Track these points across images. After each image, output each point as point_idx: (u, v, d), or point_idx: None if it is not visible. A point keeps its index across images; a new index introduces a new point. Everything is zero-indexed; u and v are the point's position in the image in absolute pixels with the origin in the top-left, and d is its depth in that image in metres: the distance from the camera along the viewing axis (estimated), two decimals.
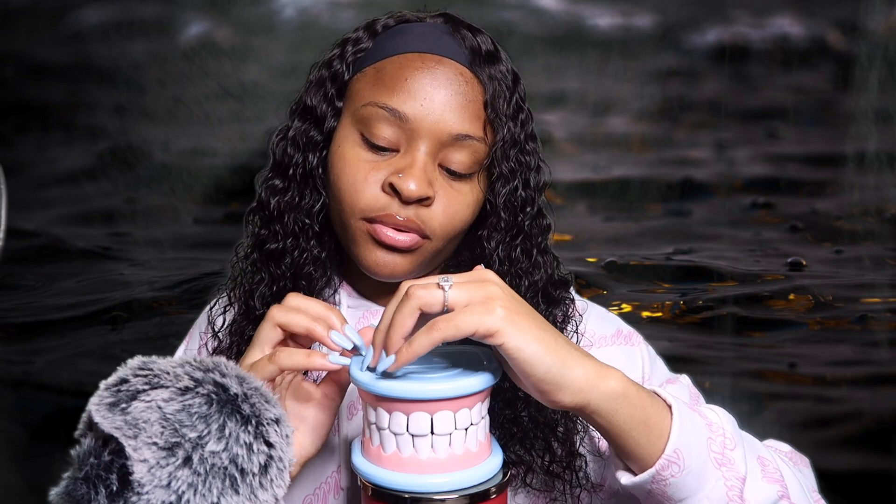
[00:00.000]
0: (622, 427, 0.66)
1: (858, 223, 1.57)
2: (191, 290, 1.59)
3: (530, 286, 0.84)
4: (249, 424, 0.63)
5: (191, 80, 1.55)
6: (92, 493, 0.60)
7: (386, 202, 0.79)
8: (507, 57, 0.85)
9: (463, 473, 0.66)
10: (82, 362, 1.58)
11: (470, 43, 0.82)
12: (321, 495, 0.84)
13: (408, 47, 0.82)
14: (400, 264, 0.81)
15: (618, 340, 0.90)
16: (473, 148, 0.80)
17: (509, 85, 0.83)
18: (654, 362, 0.91)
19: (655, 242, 1.59)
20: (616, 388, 0.65)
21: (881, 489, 1.53)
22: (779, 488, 0.70)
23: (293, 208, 0.85)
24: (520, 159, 0.83)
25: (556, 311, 0.86)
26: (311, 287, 0.85)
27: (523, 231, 0.84)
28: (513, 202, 0.83)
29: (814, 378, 1.55)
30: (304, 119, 0.86)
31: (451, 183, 0.81)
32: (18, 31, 1.58)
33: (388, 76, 0.80)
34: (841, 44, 1.55)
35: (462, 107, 0.80)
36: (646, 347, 0.91)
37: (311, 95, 0.85)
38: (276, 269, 0.85)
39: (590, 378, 0.64)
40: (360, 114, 0.81)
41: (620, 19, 1.56)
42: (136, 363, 0.65)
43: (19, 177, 1.56)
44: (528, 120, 0.85)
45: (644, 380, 0.87)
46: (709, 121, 1.58)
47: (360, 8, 1.53)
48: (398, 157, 0.80)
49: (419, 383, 0.64)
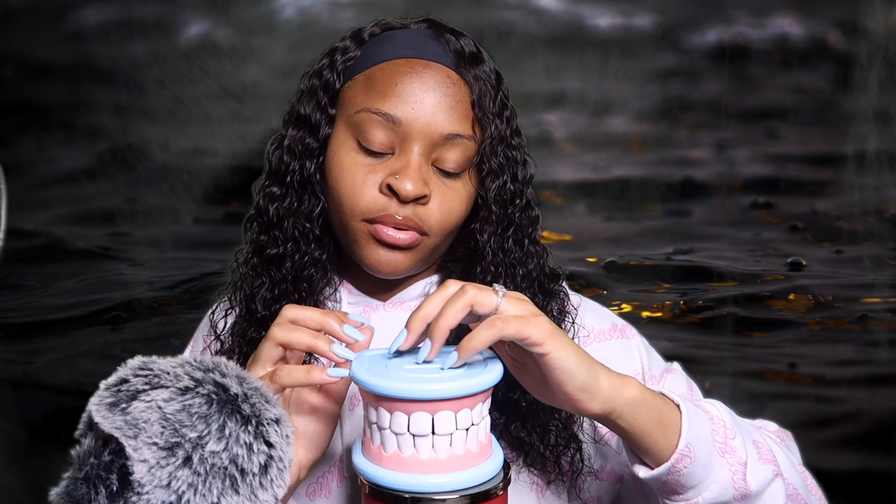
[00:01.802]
0: (642, 429, 0.72)
1: (858, 223, 1.57)
2: (191, 290, 1.59)
3: (525, 276, 0.88)
4: (249, 424, 0.63)
5: (191, 80, 1.55)
6: (92, 493, 0.60)
7: (385, 203, 0.82)
8: (489, 57, 0.89)
9: (464, 473, 0.66)
10: (82, 362, 1.58)
11: (454, 46, 0.86)
12: (324, 484, 0.86)
13: (395, 54, 0.85)
14: (401, 261, 0.84)
15: (614, 334, 0.94)
16: (464, 146, 0.84)
17: (493, 84, 0.87)
18: (650, 353, 0.95)
19: (655, 242, 1.59)
20: (636, 394, 0.71)
21: (881, 489, 1.53)
22: (773, 468, 0.76)
23: (292, 213, 0.87)
24: (507, 154, 0.87)
25: (553, 303, 0.89)
26: (311, 289, 0.88)
27: (514, 222, 0.88)
28: (503, 195, 0.86)
29: (814, 378, 1.55)
30: (298, 127, 0.89)
31: (445, 181, 0.84)
32: (18, 31, 1.58)
33: (378, 83, 0.84)
34: (841, 44, 1.55)
35: (451, 107, 0.83)
36: (640, 339, 0.95)
37: (304, 104, 0.88)
38: (276, 272, 0.87)
39: (615, 387, 0.70)
40: (354, 120, 0.84)
41: (620, 19, 1.56)
42: (136, 363, 0.65)
43: (19, 177, 1.56)
44: (512, 116, 0.89)
45: (644, 371, 0.91)
46: (709, 121, 1.58)
47: (360, 8, 1.53)
48: (393, 159, 0.83)
49: (421, 384, 0.65)
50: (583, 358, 0.68)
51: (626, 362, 0.91)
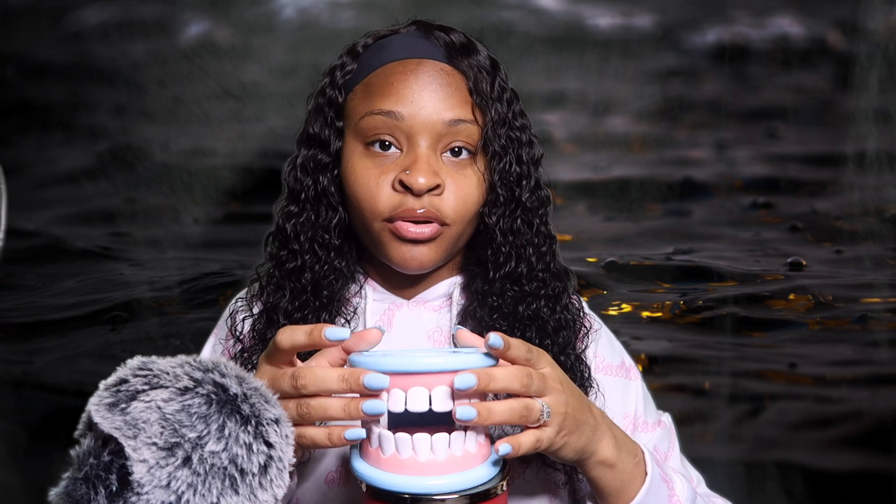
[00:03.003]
0: (601, 486, 0.77)
1: (858, 223, 1.57)
2: (191, 290, 1.59)
3: (539, 258, 0.91)
4: (249, 424, 0.63)
5: (191, 80, 1.55)
6: (91, 494, 0.60)
7: (400, 199, 0.85)
8: (483, 46, 0.92)
9: (462, 475, 0.66)
10: (82, 362, 1.58)
11: (444, 41, 0.89)
12: (342, 473, 0.89)
13: (389, 58, 0.88)
14: (426, 255, 0.87)
15: (620, 372, 0.98)
16: (468, 131, 0.87)
17: (489, 70, 0.90)
18: (647, 400, 0.99)
19: (655, 242, 1.59)
20: (608, 457, 0.75)
21: (881, 489, 1.52)
22: None
23: (310, 226, 0.91)
24: (510, 136, 0.89)
25: (563, 296, 0.92)
26: (332, 296, 0.91)
27: (522, 203, 0.90)
28: (508, 177, 0.89)
29: (814, 378, 1.55)
30: (309, 146, 0.93)
31: (457, 169, 0.87)
32: (18, 31, 1.58)
33: (376, 87, 0.87)
34: (841, 44, 1.55)
35: (449, 96, 0.86)
36: (641, 384, 0.99)
37: (313, 124, 0.92)
38: (296, 283, 0.91)
39: (592, 445, 0.74)
40: (360, 126, 0.87)
41: (620, 19, 1.56)
42: (135, 363, 0.65)
43: (19, 177, 1.56)
44: (513, 99, 0.92)
45: (636, 416, 0.95)
46: (709, 121, 1.58)
47: (359, 8, 1.53)
48: (402, 156, 0.86)
49: (418, 357, 0.66)
50: (585, 444, 0.73)
51: (621, 402, 0.94)
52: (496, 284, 0.89)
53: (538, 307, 0.89)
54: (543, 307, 0.90)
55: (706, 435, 1.57)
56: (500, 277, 0.89)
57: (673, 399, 1.56)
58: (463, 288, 0.95)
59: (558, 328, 0.91)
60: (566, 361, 0.89)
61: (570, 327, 0.92)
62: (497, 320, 0.89)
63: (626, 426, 0.93)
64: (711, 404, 1.57)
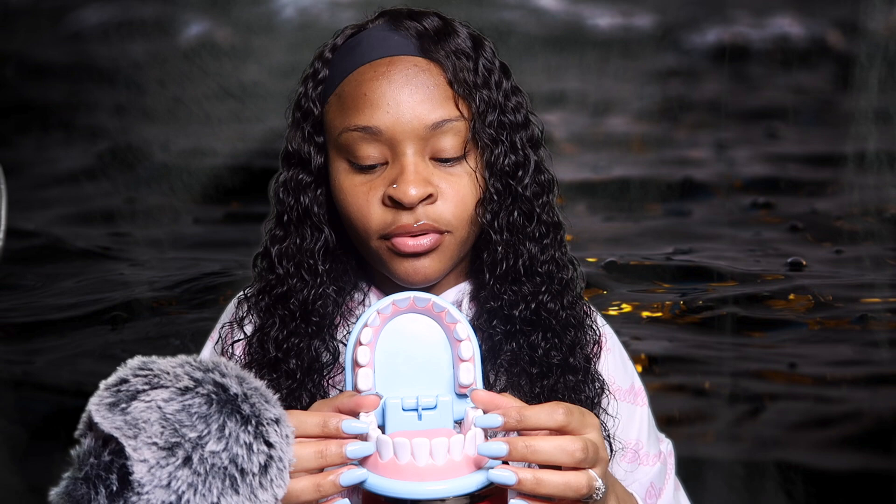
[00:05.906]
0: None
1: (858, 223, 1.57)
2: (191, 290, 1.59)
3: (542, 251, 0.85)
4: (249, 424, 0.63)
5: (191, 80, 1.55)
6: (92, 493, 0.60)
7: (393, 216, 0.80)
8: (462, 25, 0.85)
9: (462, 480, 0.66)
10: (82, 362, 1.58)
11: (416, 30, 0.82)
12: None
13: (359, 62, 0.82)
14: (429, 266, 0.82)
15: (628, 397, 0.93)
16: (455, 129, 0.80)
17: (469, 53, 0.82)
18: (651, 428, 0.95)
19: (655, 242, 1.59)
20: None
21: (881, 489, 1.52)
22: None
23: (298, 251, 0.87)
24: (501, 121, 0.83)
25: (568, 294, 0.87)
26: (323, 322, 0.86)
27: (519, 195, 0.84)
28: (501, 168, 0.82)
29: (814, 378, 1.55)
30: (289, 165, 0.88)
31: (448, 171, 0.81)
32: (18, 31, 1.58)
33: (348, 98, 0.81)
34: (841, 44, 1.55)
35: (428, 95, 0.80)
36: (647, 410, 0.95)
37: (292, 140, 0.87)
38: (283, 310, 0.86)
39: None
40: (339, 142, 0.82)
41: (620, 19, 1.56)
42: (135, 363, 0.65)
43: (19, 177, 1.56)
44: (501, 79, 0.85)
45: (639, 444, 0.91)
46: (709, 121, 1.58)
47: (360, 8, 1.53)
48: (389, 168, 0.81)
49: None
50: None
51: (626, 424, 0.91)
52: (494, 287, 0.84)
53: (540, 304, 0.84)
54: (549, 302, 0.84)
55: (706, 435, 1.57)
56: (496, 279, 0.84)
57: (673, 399, 1.56)
58: (472, 298, 0.90)
59: (566, 325, 0.85)
60: (575, 363, 0.84)
61: (579, 327, 0.86)
62: (495, 326, 0.84)
63: (626, 454, 0.90)
64: (711, 404, 1.57)
